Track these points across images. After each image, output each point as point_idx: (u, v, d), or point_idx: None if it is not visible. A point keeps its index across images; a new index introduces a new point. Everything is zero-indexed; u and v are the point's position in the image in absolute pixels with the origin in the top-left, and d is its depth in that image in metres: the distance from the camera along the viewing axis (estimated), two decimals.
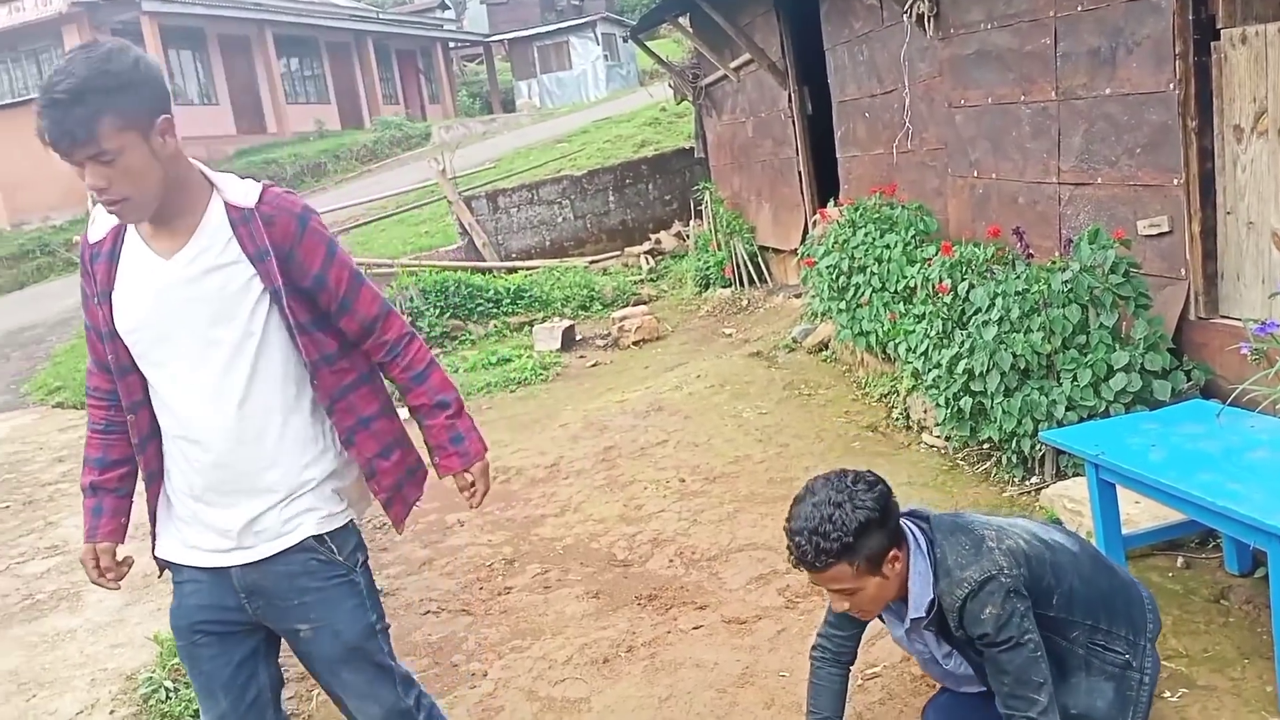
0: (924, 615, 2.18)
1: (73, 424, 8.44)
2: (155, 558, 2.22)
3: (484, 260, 10.70)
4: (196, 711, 3.11)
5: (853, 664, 2.43)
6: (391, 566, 4.42)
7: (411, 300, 9.13)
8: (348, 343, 2.18)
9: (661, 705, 2.99)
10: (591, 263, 10.95)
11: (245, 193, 2.07)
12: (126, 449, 2.18)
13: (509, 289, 9.62)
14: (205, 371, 2.05)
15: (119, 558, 2.20)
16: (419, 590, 4.13)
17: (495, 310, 9.43)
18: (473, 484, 2.26)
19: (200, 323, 2.03)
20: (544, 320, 9.07)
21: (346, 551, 2.17)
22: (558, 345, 8.36)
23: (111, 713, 3.24)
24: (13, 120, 22.42)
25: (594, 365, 7.94)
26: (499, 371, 7.76)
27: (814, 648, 2.42)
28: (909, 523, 2.21)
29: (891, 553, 2.10)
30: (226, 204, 2.06)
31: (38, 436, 8.03)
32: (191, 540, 2.15)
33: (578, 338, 8.69)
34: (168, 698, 3.20)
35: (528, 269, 10.55)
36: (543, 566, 4.19)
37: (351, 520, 2.19)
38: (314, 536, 2.10)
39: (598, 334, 8.83)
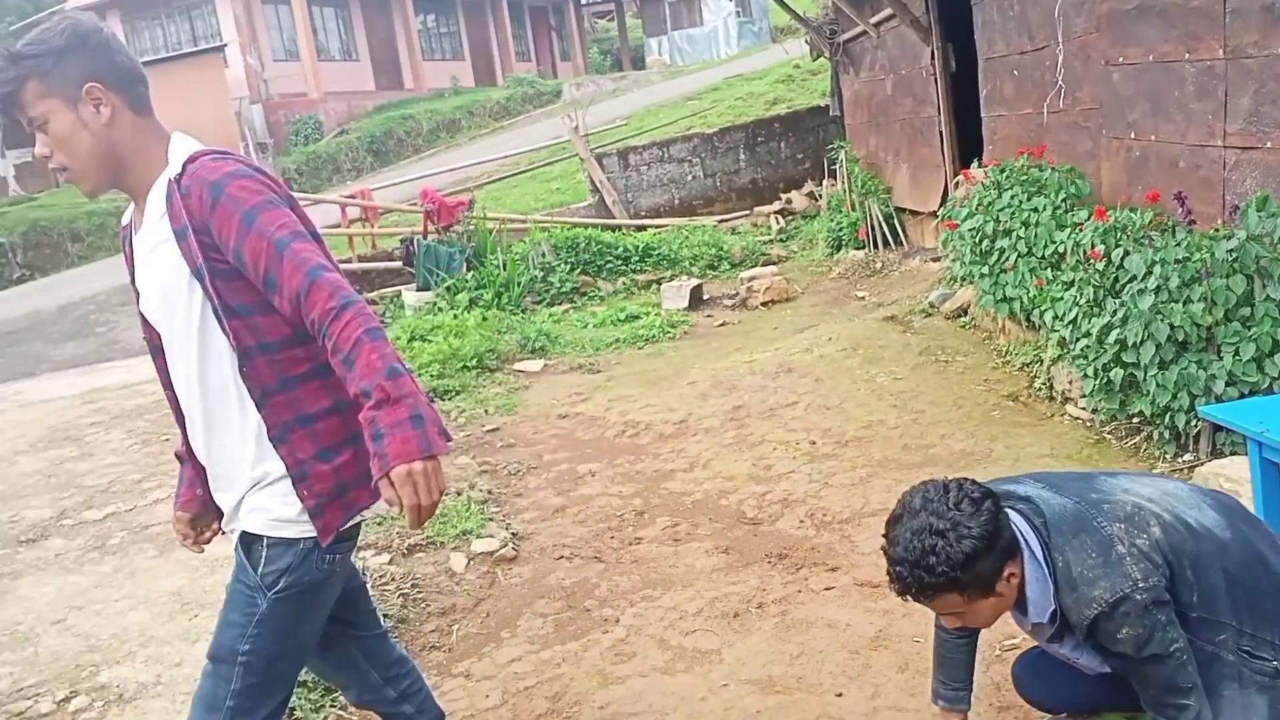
0: (1045, 622, 2.00)
1: None
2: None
3: (614, 217, 10.77)
4: None
5: (978, 632, 2.27)
6: (527, 512, 4.54)
7: (543, 256, 9.27)
8: (290, 327, 1.93)
9: (793, 662, 3.01)
10: (720, 221, 10.90)
11: (180, 158, 1.95)
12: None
13: (638, 246, 9.67)
14: (176, 355, 2.00)
15: (201, 524, 2.18)
16: (552, 536, 4.24)
17: (624, 267, 9.50)
18: (390, 496, 1.75)
19: (160, 306, 1.98)
20: (672, 278, 9.10)
21: (270, 568, 1.93)
22: (685, 304, 8.38)
23: None
24: (165, 75, 23.53)
25: (721, 325, 7.94)
26: (627, 328, 7.83)
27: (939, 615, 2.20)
28: (1020, 522, 1.97)
29: (1006, 572, 1.91)
30: (168, 178, 1.95)
31: None
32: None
33: (705, 297, 8.69)
34: None
35: (656, 227, 10.57)
36: (672, 520, 4.25)
37: (305, 539, 1.93)
38: (250, 533, 1.95)
39: (725, 294, 8.81)
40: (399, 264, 9.52)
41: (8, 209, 23.11)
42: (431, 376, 6.73)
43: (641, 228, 10.53)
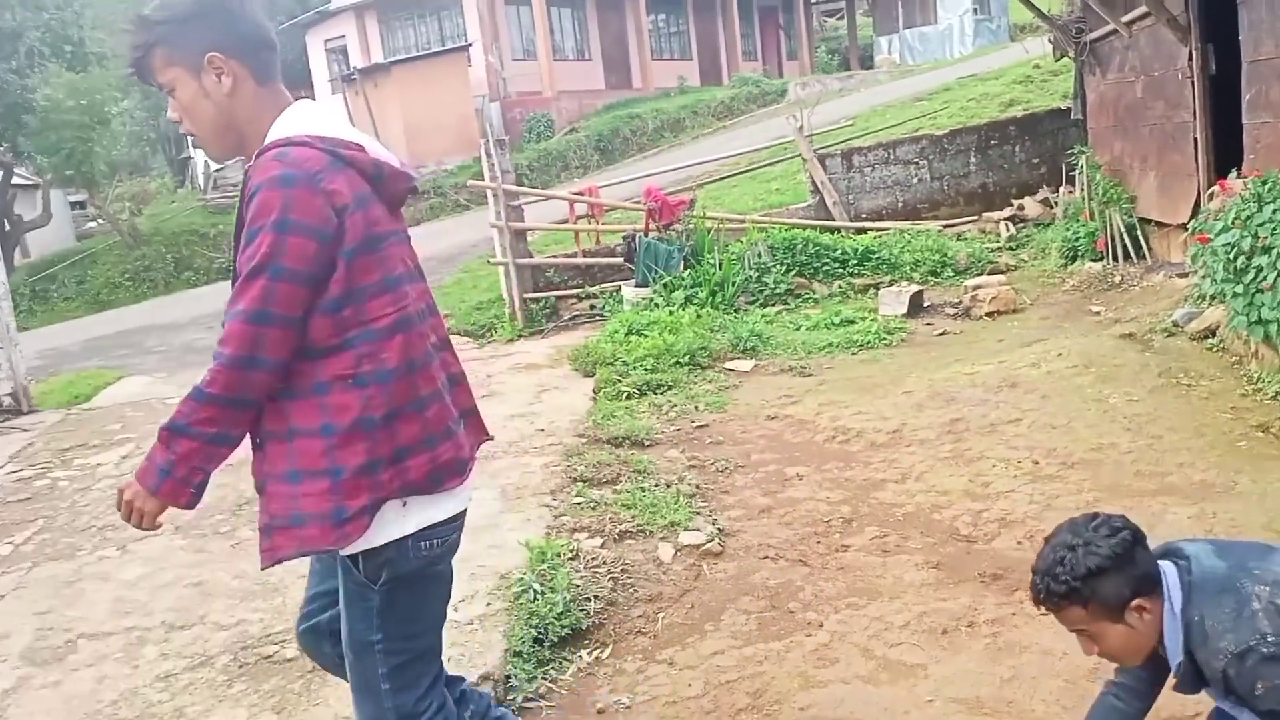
0: (1176, 674, 2.05)
1: (459, 347, 9.44)
2: None
3: (833, 219, 10.64)
4: (561, 613, 3.46)
5: (1147, 704, 2.25)
6: (733, 509, 4.59)
7: (759, 257, 9.29)
8: (310, 345, 1.94)
9: (1004, 685, 2.92)
10: (946, 226, 10.57)
11: (266, 142, 1.96)
12: None
13: (857, 249, 9.52)
14: None
15: None
16: (758, 535, 4.27)
17: (841, 270, 9.37)
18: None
19: None
20: (891, 284, 8.90)
21: (370, 565, 2.04)
22: (904, 310, 8.19)
23: (487, 605, 3.65)
24: (415, 72, 25.13)
25: (941, 334, 7.70)
26: (841, 332, 7.73)
27: (1107, 681, 2.33)
28: (1171, 573, 2.04)
29: (1134, 602, 1.99)
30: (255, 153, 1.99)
31: None
32: None
33: (925, 304, 8.45)
34: (535, 598, 3.55)
35: (878, 230, 10.37)
36: (881, 530, 4.18)
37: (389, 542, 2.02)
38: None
39: (948, 301, 8.54)
40: (620, 260, 9.79)
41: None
42: (645, 370, 6.89)
43: (862, 230, 10.36)
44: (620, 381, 6.77)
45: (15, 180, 23.66)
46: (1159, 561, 2.08)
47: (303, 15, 30.45)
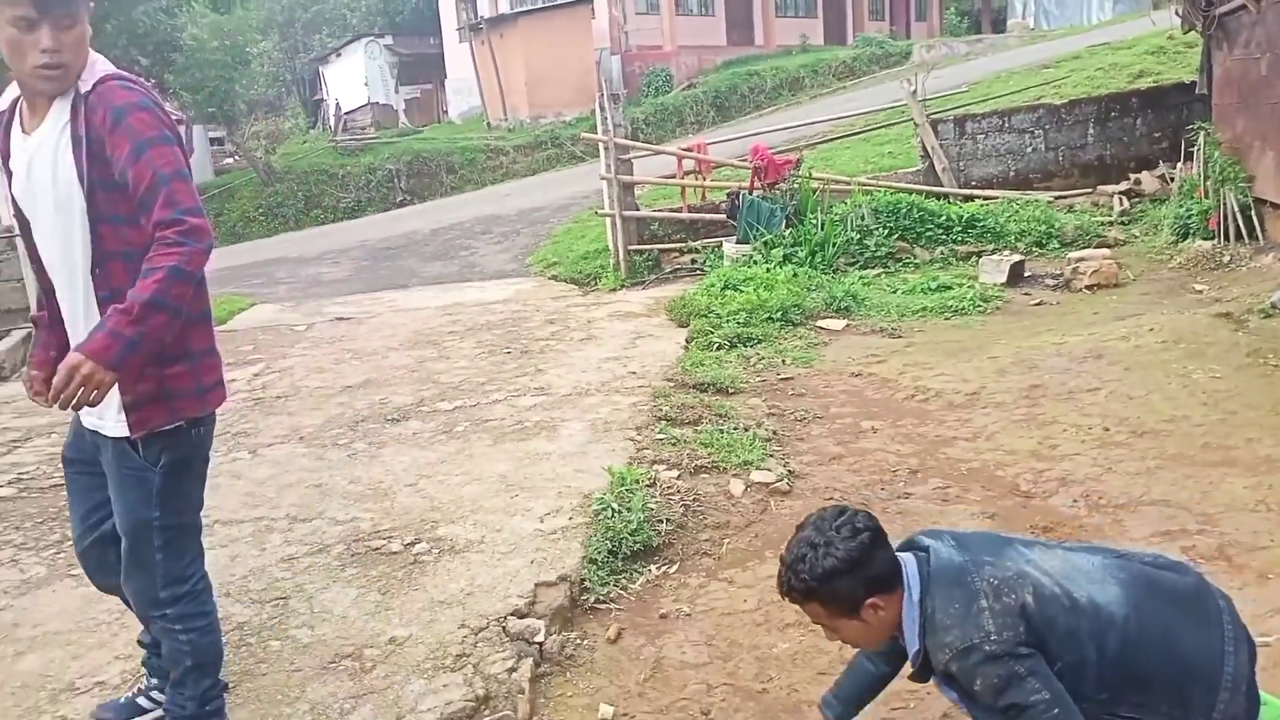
0: (913, 662, 2.14)
1: (564, 294, 9.89)
2: None
3: (942, 185, 10.63)
4: (634, 530, 3.82)
5: (894, 670, 2.39)
6: (806, 455, 4.86)
7: (863, 219, 9.39)
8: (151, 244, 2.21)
9: None
10: (1057, 198, 10.45)
11: (91, 78, 2.28)
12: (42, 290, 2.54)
13: (962, 216, 9.53)
14: (45, 240, 2.38)
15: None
16: (826, 479, 4.54)
17: (944, 236, 9.41)
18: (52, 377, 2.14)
19: (45, 198, 2.31)
20: (993, 252, 8.91)
21: (149, 451, 2.37)
22: (1003, 279, 8.23)
23: (570, 518, 4.03)
24: (540, 23, 25.52)
25: (1038, 304, 7.74)
26: (936, 297, 7.84)
27: None
28: (911, 567, 2.13)
29: (869, 600, 2.08)
30: (77, 89, 2.28)
31: (535, 300, 9.52)
32: None
33: (1026, 274, 8.46)
34: (612, 516, 3.92)
35: (985, 198, 10.33)
36: (944, 482, 4.41)
37: (168, 425, 2.36)
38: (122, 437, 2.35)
39: (1049, 273, 8.53)
40: (724, 216, 10.02)
41: (397, 139, 26.19)
42: (737, 324, 7.15)
43: (969, 198, 10.33)
44: (712, 333, 7.06)
45: None
46: (901, 555, 2.17)
47: None
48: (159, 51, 22.51)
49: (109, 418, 2.37)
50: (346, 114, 29.40)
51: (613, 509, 3.97)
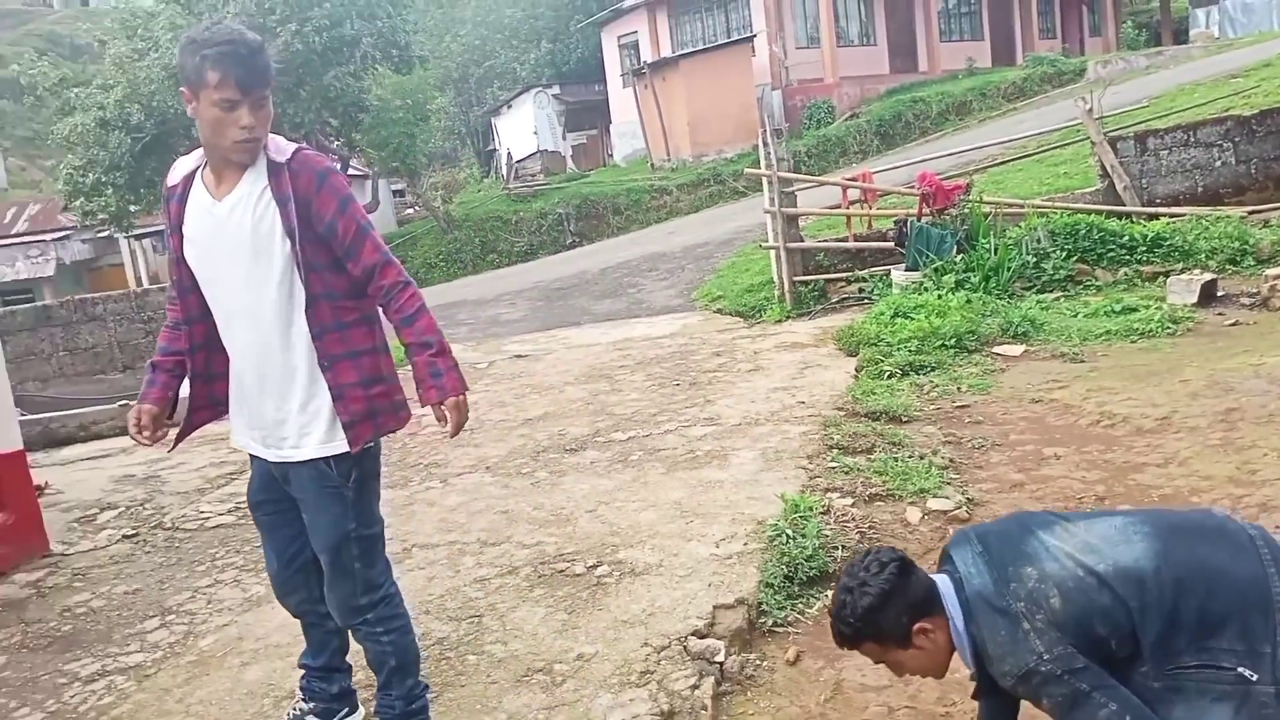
0: (974, 680, 2.22)
1: (729, 327, 10.01)
2: (180, 435, 2.92)
3: (1122, 204, 10.20)
4: (810, 556, 3.87)
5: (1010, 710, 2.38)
6: (985, 482, 4.78)
7: (1038, 242, 9.12)
8: (357, 285, 2.64)
9: None
10: (1250, 213, 9.84)
11: (282, 150, 2.60)
12: (185, 345, 2.80)
13: (1146, 236, 9.12)
14: (248, 294, 2.61)
15: (159, 426, 2.81)
16: (1006, 506, 4.45)
17: (1127, 257, 9.02)
18: (443, 416, 2.58)
19: (240, 252, 2.58)
20: (1181, 272, 8.48)
21: (342, 469, 2.66)
22: (1194, 299, 7.82)
23: (745, 544, 4.11)
24: (700, 64, 25.94)
25: (1233, 324, 7.32)
26: (1121, 320, 7.53)
27: None
28: (949, 592, 2.18)
29: (916, 626, 2.15)
30: (269, 159, 2.58)
31: (702, 333, 9.68)
32: (244, 430, 2.80)
33: (1219, 294, 8.01)
34: (787, 542, 3.98)
35: (1170, 216, 9.85)
36: (1133, 509, 4.25)
37: (374, 439, 2.70)
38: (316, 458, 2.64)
39: (1244, 291, 8.04)
40: (891, 244, 9.93)
41: (566, 184, 27.10)
42: (909, 351, 7.08)
43: (1153, 216, 9.87)
44: (883, 361, 7.01)
45: (350, 171, 26.80)
46: (936, 577, 2.22)
47: (599, 13, 32.15)
48: (347, 113, 24.15)
49: (308, 445, 2.65)
50: (518, 162, 30.65)
51: (787, 535, 4.03)
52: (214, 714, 3.33)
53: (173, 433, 2.91)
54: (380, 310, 2.70)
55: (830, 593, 3.80)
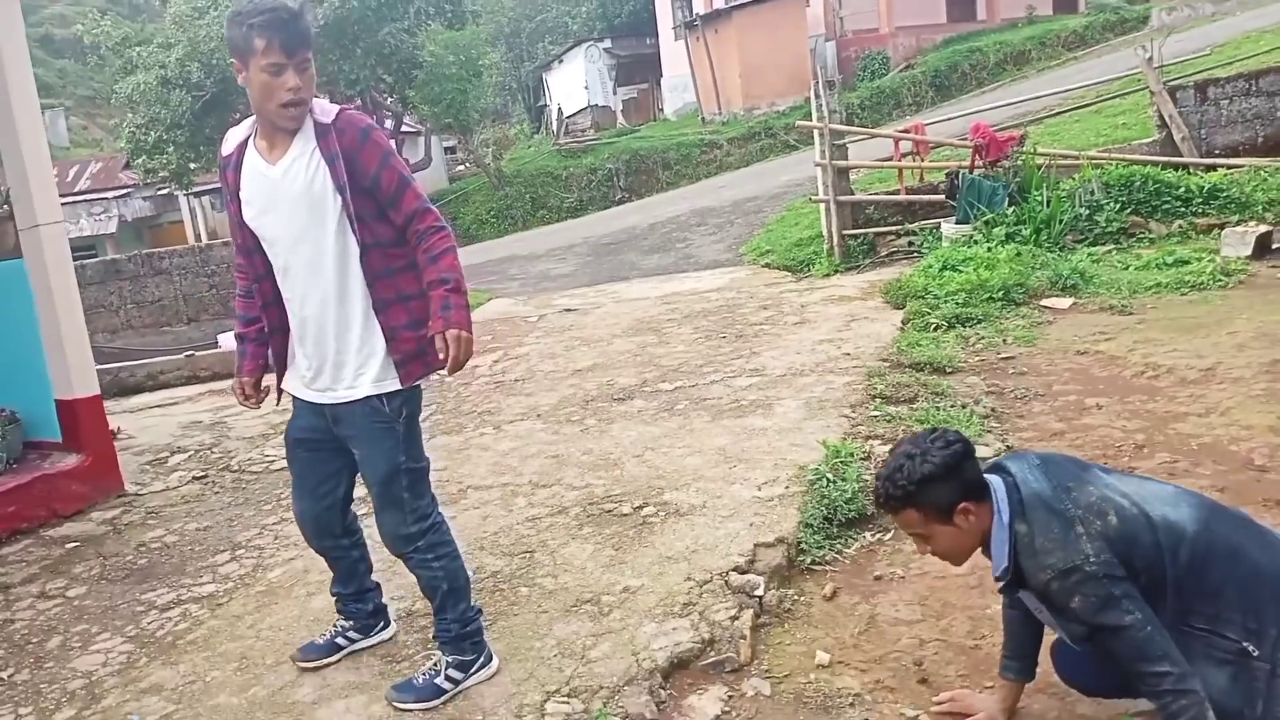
0: (1000, 578, 2.34)
1: (777, 281, 10.07)
2: (279, 389, 3.09)
3: (1180, 155, 10.03)
4: (849, 499, 3.99)
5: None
6: (1025, 431, 4.85)
7: (1092, 194, 9.03)
8: (401, 233, 2.80)
9: None
10: None
11: (326, 112, 2.77)
12: (259, 303, 2.98)
13: (1202, 187, 8.96)
14: (302, 249, 2.79)
15: (261, 388, 3.08)
16: None
17: (1183, 209, 8.89)
18: (445, 347, 2.69)
19: (297, 209, 2.75)
20: (1238, 224, 8.35)
21: (394, 406, 2.84)
22: (1248, 251, 7.71)
23: (786, 488, 4.25)
24: (753, 16, 25.67)
25: None
26: (1172, 273, 7.46)
27: None
28: (1000, 489, 2.31)
29: (961, 505, 2.28)
30: (315, 120, 2.75)
31: (749, 287, 9.76)
32: (298, 378, 2.97)
33: (1275, 245, 7.89)
34: (827, 485, 4.10)
35: (1229, 167, 9.65)
36: (1172, 457, 4.30)
37: (423, 376, 2.86)
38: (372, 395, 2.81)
39: None
40: (942, 197, 9.88)
41: (616, 139, 27.08)
42: (956, 304, 7.11)
43: (1211, 168, 9.68)
44: (929, 314, 7.06)
45: (403, 128, 27.02)
46: (989, 476, 2.33)
47: None
48: (401, 69, 24.32)
49: (363, 384, 2.84)
50: (568, 117, 30.66)
51: (828, 479, 4.15)
52: (282, 639, 3.56)
53: (274, 393, 3.17)
54: (414, 252, 2.84)
55: (869, 533, 3.96)
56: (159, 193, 32.48)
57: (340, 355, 2.85)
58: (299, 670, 3.28)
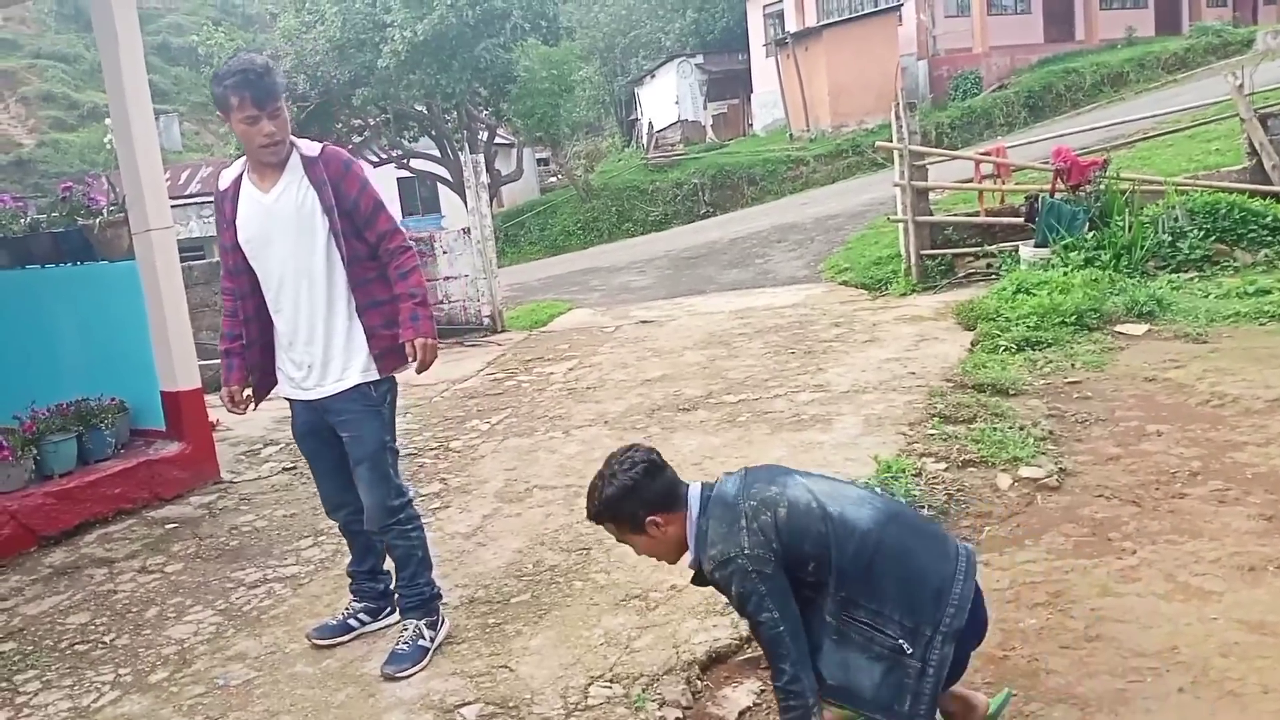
0: (692, 568, 2.57)
1: (852, 299, 10.15)
2: (258, 395, 3.59)
3: (1269, 184, 9.82)
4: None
5: None
6: (1081, 455, 4.89)
7: (1175, 220, 8.91)
8: (372, 249, 3.30)
9: None
10: None
11: (311, 148, 3.28)
12: (241, 319, 3.44)
13: None
14: (294, 264, 3.25)
15: (245, 395, 3.51)
16: (1099, 478, 4.58)
17: (1269, 239, 8.70)
18: (414, 352, 3.23)
19: (287, 228, 3.23)
20: None
21: (380, 392, 3.34)
22: None
23: None
24: (844, 34, 25.67)
25: None
26: (1252, 302, 7.35)
27: None
28: (695, 494, 2.55)
29: (649, 519, 2.51)
30: (302, 155, 3.25)
31: (824, 305, 9.86)
32: (289, 382, 3.43)
33: None
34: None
35: None
36: (1225, 484, 4.32)
37: (397, 369, 3.39)
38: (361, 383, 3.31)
39: None
40: (1021, 220, 9.85)
41: (703, 154, 27.29)
42: (1027, 327, 7.12)
43: None
44: (999, 336, 7.09)
45: (496, 140, 27.69)
46: (692, 484, 2.59)
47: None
48: (496, 83, 24.96)
49: (351, 374, 3.32)
50: (658, 132, 31.02)
51: (876, 493, 4.28)
52: None
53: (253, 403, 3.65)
54: (385, 269, 3.34)
55: None
56: None
57: (328, 353, 3.33)
58: (366, 645, 3.57)
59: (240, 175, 3.36)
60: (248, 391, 3.55)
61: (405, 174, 28.86)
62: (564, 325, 10.52)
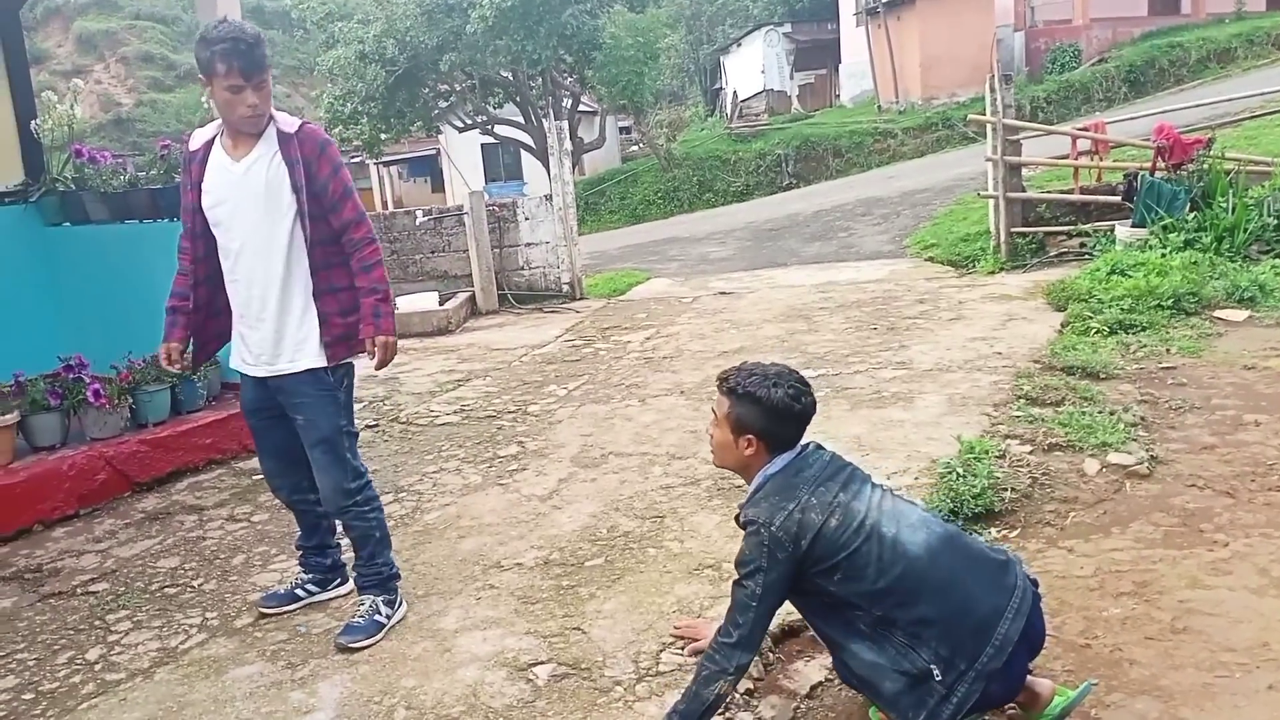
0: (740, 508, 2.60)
1: (938, 275, 9.95)
2: (196, 358, 3.66)
3: None
4: (977, 494, 4.04)
5: None
6: (1174, 443, 4.73)
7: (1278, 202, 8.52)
8: (336, 235, 3.23)
9: None
10: None
11: (289, 124, 3.20)
12: (190, 282, 3.39)
13: None
14: (257, 236, 3.20)
15: (184, 355, 3.50)
16: (1192, 467, 4.43)
17: None
18: (374, 350, 3.23)
19: (255, 202, 3.17)
20: None
21: (336, 376, 3.31)
22: None
23: (915, 478, 4.33)
24: (939, 4, 25.00)
25: None
26: None
27: None
28: (794, 455, 2.57)
29: (745, 437, 2.56)
30: (278, 130, 3.18)
31: (908, 281, 9.69)
32: (241, 355, 3.38)
33: None
34: (956, 479, 4.15)
35: None
36: None
37: (347, 358, 3.35)
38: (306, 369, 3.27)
39: None
40: (1118, 199, 9.52)
41: (789, 124, 26.94)
42: (1120, 310, 6.90)
43: None
44: (1091, 318, 6.89)
45: (580, 108, 27.67)
46: (805, 443, 2.61)
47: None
48: (581, 50, 24.89)
49: (305, 357, 3.28)
50: (742, 101, 30.70)
51: (958, 473, 4.21)
52: (433, 574, 3.93)
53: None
54: (348, 257, 3.28)
55: (994, 529, 4.01)
56: (351, 160, 34.37)
57: (279, 332, 3.28)
58: (443, 601, 3.63)
59: (213, 139, 3.30)
60: (187, 353, 3.54)
61: (489, 140, 29.04)
62: (642, 294, 10.52)
